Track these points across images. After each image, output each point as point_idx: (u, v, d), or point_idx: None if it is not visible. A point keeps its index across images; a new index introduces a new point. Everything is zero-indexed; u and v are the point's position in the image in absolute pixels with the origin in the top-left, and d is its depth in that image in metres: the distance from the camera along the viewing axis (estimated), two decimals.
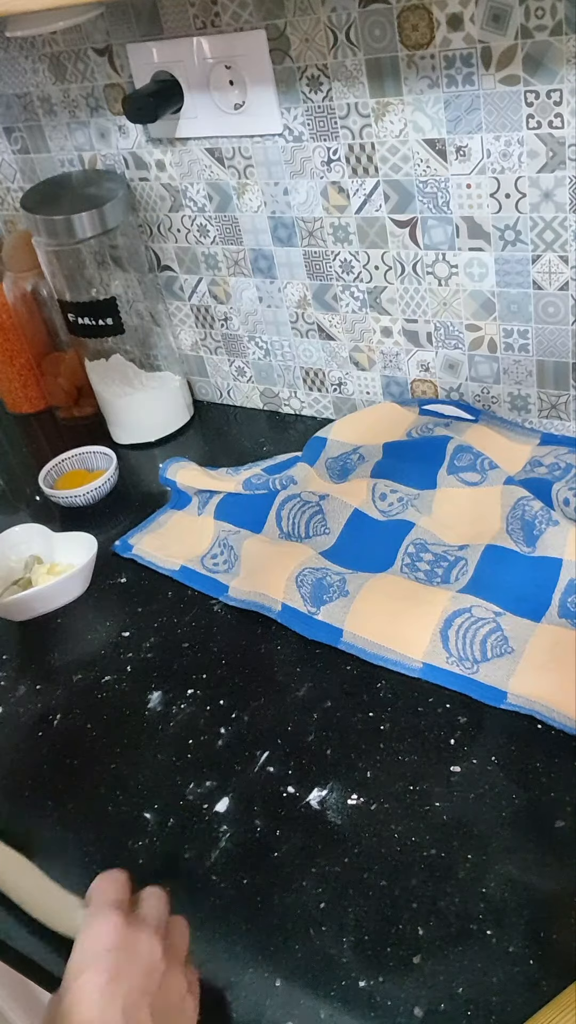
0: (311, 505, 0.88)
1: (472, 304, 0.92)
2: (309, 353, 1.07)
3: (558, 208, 0.81)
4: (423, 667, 0.72)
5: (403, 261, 0.93)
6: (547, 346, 0.90)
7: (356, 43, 0.81)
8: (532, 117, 0.77)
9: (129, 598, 0.87)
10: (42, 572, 0.91)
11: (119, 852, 0.64)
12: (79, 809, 0.68)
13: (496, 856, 0.59)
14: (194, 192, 1.01)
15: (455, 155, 0.83)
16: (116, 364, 1.12)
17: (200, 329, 1.14)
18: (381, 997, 0.53)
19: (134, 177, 1.05)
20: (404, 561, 0.81)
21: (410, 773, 0.65)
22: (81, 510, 1.02)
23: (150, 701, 0.76)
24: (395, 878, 0.58)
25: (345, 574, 0.80)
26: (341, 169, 0.90)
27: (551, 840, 0.59)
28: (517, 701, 0.68)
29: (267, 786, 0.66)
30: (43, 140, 1.09)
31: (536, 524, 0.79)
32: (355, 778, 0.65)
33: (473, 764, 0.65)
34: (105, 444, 1.09)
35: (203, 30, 0.88)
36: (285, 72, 0.87)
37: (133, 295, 1.09)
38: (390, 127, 0.85)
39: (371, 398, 1.06)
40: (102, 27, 0.94)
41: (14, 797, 0.70)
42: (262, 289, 1.05)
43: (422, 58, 0.79)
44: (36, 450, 1.19)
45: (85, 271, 1.04)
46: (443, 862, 0.59)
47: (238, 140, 0.94)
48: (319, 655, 0.76)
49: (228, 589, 0.84)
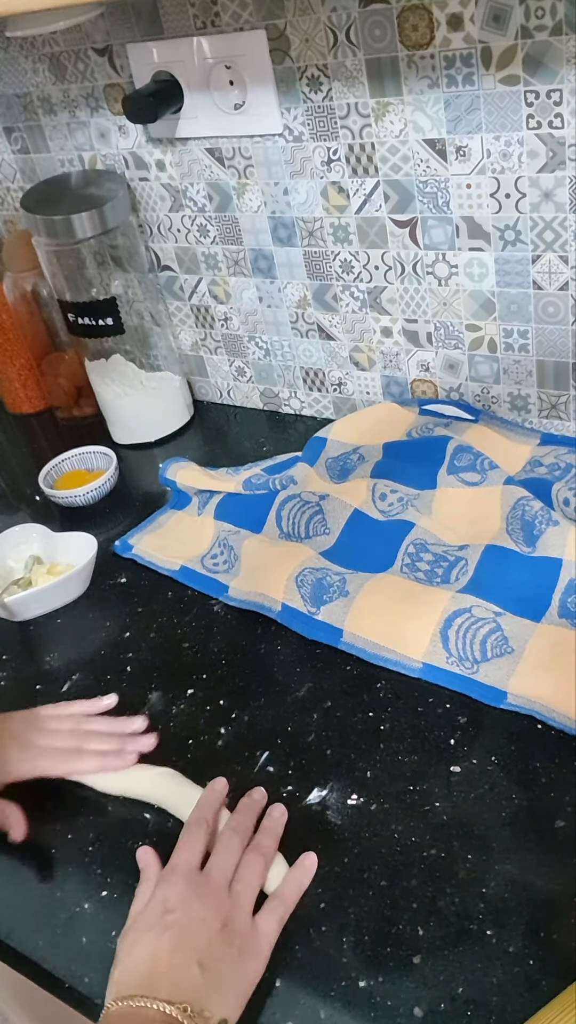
0: (311, 505, 0.88)
1: (472, 304, 0.92)
2: (309, 353, 1.07)
3: (558, 208, 0.81)
4: (423, 667, 0.72)
5: (403, 261, 0.93)
6: (547, 346, 0.90)
7: (356, 43, 0.81)
8: (532, 117, 0.77)
9: (129, 598, 0.87)
10: (42, 572, 0.91)
11: (119, 852, 0.64)
12: (79, 809, 0.68)
13: (496, 856, 0.59)
14: (194, 192, 1.01)
15: (455, 155, 0.83)
16: (116, 364, 1.12)
17: (200, 329, 1.14)
18: (381, 997, 0.53)
19: (134, 177, 1.05)
20: (404, 561, 0.81)
21: (410, 773, 0.65)
22: (81, 510, 1.02)
23: (150, 701, 0.75)
24: (395, 878, 0.58)
25: (345, 574, 0.80)
26: (341, 169, 0.90)
27: (551, 840, 0.59)
28: (517, 701, 0.68)
29: (267, 786, 0.66)
30: (43, 140, 1.09)
31: (536, 524, 0.79)
32: (355, 778, 0.65)
33: (473, 764, 0.65)
34: (105, 444, 1.09)
35: (203, 30, 0.88)
36: (285, 72, 0.87)
37: (133, 295, 1.09)
38: (390, 127, 0.85)
39: (371, 398, 1.06)
40: (102, 27, 0.95)
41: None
42: (262, 289, 1.05)
43: (422, 58, 0.79)
44: (36, 450, 1.19)
45: (85, 271, 1.04)
46: (443, 862, 0.59)
47: (238, 140, 0.94)
48: (319, 655, 0.76)
49: (228, 589, 0.84)
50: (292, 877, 0.59)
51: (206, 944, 0.52)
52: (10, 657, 0.84)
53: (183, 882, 0.56)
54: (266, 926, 0.56)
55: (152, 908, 0.55)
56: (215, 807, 0.63)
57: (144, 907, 0.56)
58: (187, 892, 0.55)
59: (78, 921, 0.60)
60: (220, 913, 0.54)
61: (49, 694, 0.78)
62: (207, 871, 0.57)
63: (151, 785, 0.67)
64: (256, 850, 0.59)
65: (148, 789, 0.67)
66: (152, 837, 0.64)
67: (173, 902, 0.55)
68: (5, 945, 0.60)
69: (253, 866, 0.58)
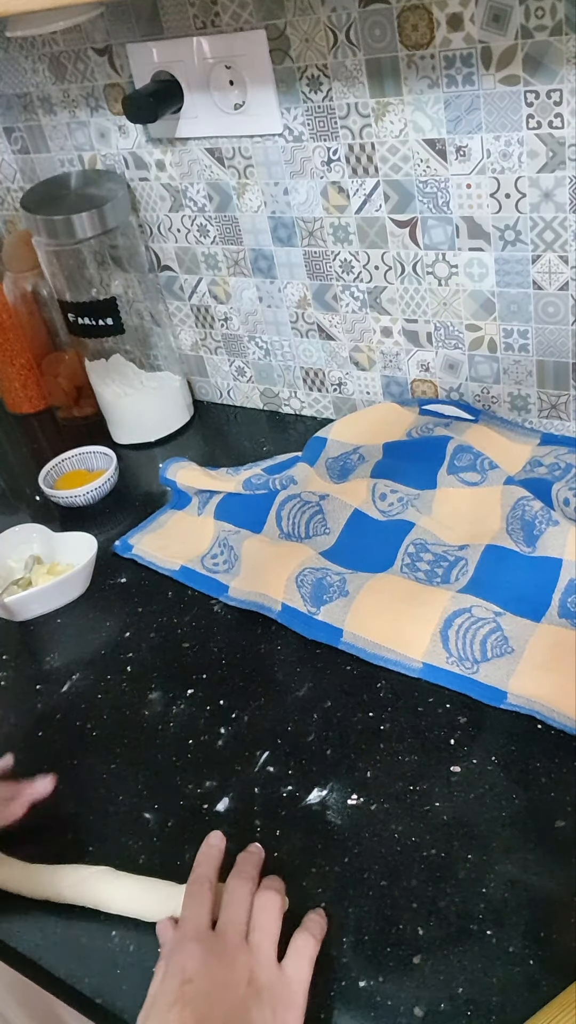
0: (311, 505, 0.88)
1: (472, 304, 0.92)
2: (309, 353, 1.07)
3: (558, 208, 0.81)
4: (423, 667, 0.72)
5: (403, 261, 0.93)
6: (547, 346, 0.90)
7: (356, 43, 0.81)
8: (532, 117, 0.77)
9: (129, 598, 0.87)
10: (42, 572, 0.91)
11: (119, 852, 0.64)
12: (79, 809, 0.68)
13: (496, 856, 0.59)
14: (194, 192, 1.01)
15: (455, 155, 0.83)
16: (116, 364, 1.12)
17: (200, 329, 1.14)
18: (381, 997, 0.53)
19: (134, 177, 1.05)
20: (404, 561, 0.81)
21: (410, 773, 0.65)
22: (81, 510, 1.02)
23: (150, 701, 0.76)
24: (395, 878, 0.58)
25: (345, 574, 0.80)
26: (341, 169, 0.90)
27: (551, 840, 0.59)
28: (517, 701, 0.68)
29: (267, 786, 0.66)
30: (43, 140, 1.09)
31: (536, 524, 0.79)
32: (355, 778, 0.65)
33: (473, 764, 0.65)
34: (105, 444, 1.09)
35: (203, 30, 0.88)
36: (285, 72, 0.87)
37: (133, 295, 1.09)
38: (390, 127, 0.85)
39: (371, 398, 1.06)
40: (102, 27, 0.95)
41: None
42: (262, 289, 1.05)
43: (422, 58, 0.79)
44: (36, 450, 1.19)
45: (85, 271, 1.04)
46: (443, 862, 0.59)
47: (238, 140, 0.94)
48: (319, 655, 0.76)
49: (228, 589, 0.84)
50: (311, 918, 0.55)
51: (234, 1008, 0.49)
52: (10, 657, 0.84)
53: (196, 947, 0.51)
54: (296, 970, 0.52)
55: (169, 983, 0.50)
56: (214, 864, 0.58)
57: (161, 982, 0.51)
58: (202, 956, 0.51)
59: (78, 921, 0.60)
60: (243, 971, 0.51)
61: (49, 694, 0.78)
62: (220, 929, 0.53)
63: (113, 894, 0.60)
64: (266, 889, 0.55)
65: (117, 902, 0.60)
66: (153, 837, 0.64)
67: (190, 971, 0.50)
68: (5, 945, 0.60)
69: (268, 910, 0.54)
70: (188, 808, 0.66)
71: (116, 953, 0.58)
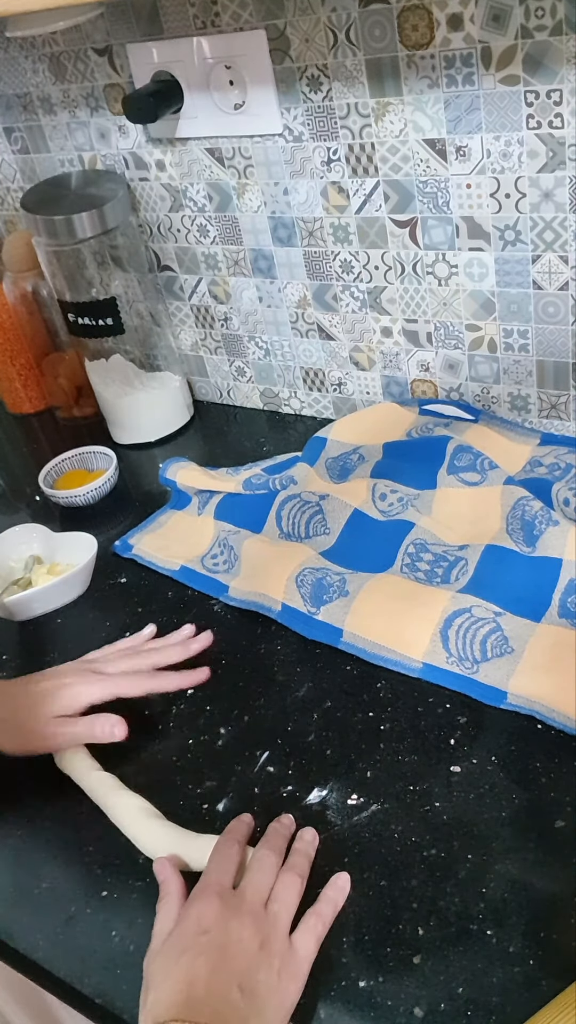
0: (311, 505, 0.88)
1: (472, 304, 0.92)
2: (309, 353, 1.07)
3: (558, 208, 0.81)
4: (423, 667, 0.72)
5: (403, 261, 0.93)
6: (547, 346, 0.90)
7: (356, 43, 0.81)
8: (532, 117, 0.77)
9: (129, 598, 0.87)
10: (42, 572, 0.91)
11: (119, 852, 0.64)
12: (79, 809, 0.68)
13: (496, 856, 0.59)
14: (194, 192, 1.01)
15: (455, 155, 0.83)
16: (116, 364, 1.12)
17: (200, 329, 1.14)
18: (381, 997, 0.53)
19: (134, 177, 1.05)
20: (404, 561, 0.81)
21: (410, 773, 0.65)
22: (81, 510, 1.02)
23: (150, 701, 0.75)
24: (395, 878, 0.58)
25: (345, 574, 0.80)
26: (341, 169, 0.90)
27: (551, 840, 0.59)
28: (517, 701, 0.68)
29: (267, 786, 0.66)
30: (43, 140, 1.09)
31: (536, 524, 0.79)
32: (355, 778, 0.65)
33: (473, 764, 0.65)
34: (105, 444, 1.09)
35: (203, 30, 0.88)
36: (285, 72, 0.87)
37: (133, 295, 1.09)
38: (390, 127, 0.85)
39: (371, 398, 1.06)
40: (102, 27, 0.95)
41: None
42: (262, 289, 1.05)
43: (422, 58, 0.79)
44: (36, 450, 1.19)
45: (85, 271, 1.04)
46: (443, 862, 0.59)
47: (238, 140, 0.94)
48: (319, 655, 0.76)
49: (228, 589, 0.84)
50: (327, 896, 0.57)
51: (245, 966, 0.50)
52: (10, 657, 0.84)
53: (218, 901, 0.53)
54: (304, 946, 0.53)
55: (185, 928, 0.52)
56: (244, 832, 0.61)
57: (176, 926, 0.53)
58: (223, 911, 0.53)
59: (78, 921, 0.60)
60: (258, 933, 0.52)
61: None
62: (242, 890, 0.55)
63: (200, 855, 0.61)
64: (292, 870, 0.57)
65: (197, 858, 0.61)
66: None
67: (208, 921, 0.52)
68: (5, 945, 0.60)
69: (290, 887, 0.56)
70: (188, 808, 0.66)
71: (116, 953, 0.58)
